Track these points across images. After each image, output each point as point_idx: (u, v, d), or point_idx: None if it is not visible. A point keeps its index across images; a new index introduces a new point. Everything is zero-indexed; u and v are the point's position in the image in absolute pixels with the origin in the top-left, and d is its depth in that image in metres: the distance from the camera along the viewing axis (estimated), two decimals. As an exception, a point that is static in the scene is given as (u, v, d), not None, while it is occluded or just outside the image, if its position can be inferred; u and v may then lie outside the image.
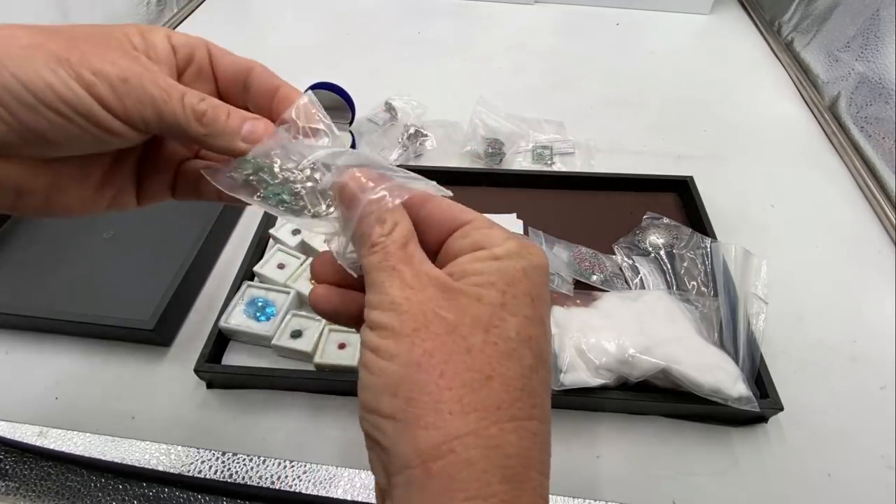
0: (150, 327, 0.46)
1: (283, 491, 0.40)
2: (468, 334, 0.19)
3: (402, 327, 0.19)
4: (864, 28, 0.75)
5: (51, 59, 0.21)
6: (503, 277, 0.20)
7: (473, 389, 0.19)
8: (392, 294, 0.20)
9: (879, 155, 0.68)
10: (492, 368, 0.19)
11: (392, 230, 0.21)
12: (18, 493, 0.41)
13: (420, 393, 0.19)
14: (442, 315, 0.19)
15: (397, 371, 0.19)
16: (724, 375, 0.42)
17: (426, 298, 0.20)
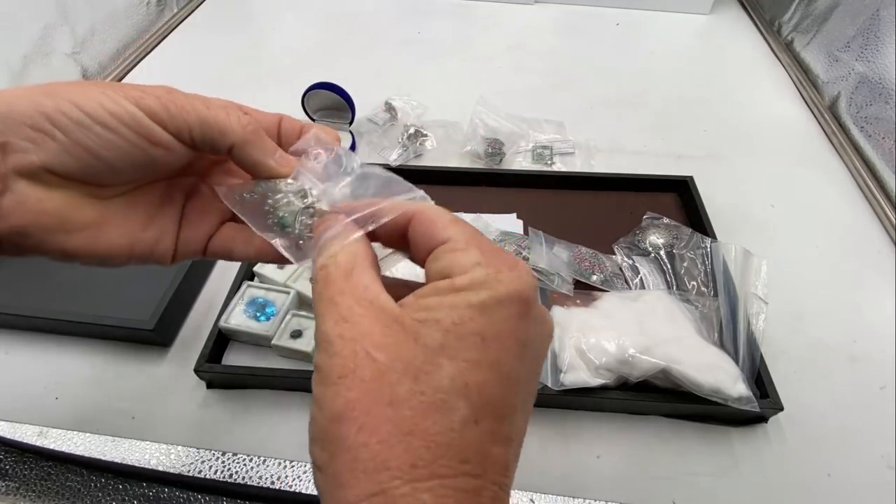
0: (150, 327, 0.46)
1: (283, 491, 0.40)
2: (395, 382, 0.18)
3: (329, 372, 0.18)
4: (864, 28, 0.75)
5: (99, 86, 0.22)
6: (451, 313, 0.18)
7: (390, 446, 0.17)
8: (325, 329, 0.19)
9: (879, 155, 0.68)
10: (413, 423, 0.17)
11: (336, 255, 0.20)
12: (18, 493, 0.41)
13: (340, 449, 0.18)
14: (373, 356, 0.18)
15: (322, 422, 0.18)
16: (724, 375, 0.42)
17: (360, 334, 0.18)
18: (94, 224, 0.24)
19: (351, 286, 0.20)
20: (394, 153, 0.69)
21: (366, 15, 1.02)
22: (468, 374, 0.18)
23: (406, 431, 0.17)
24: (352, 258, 0.20)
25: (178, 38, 0.95)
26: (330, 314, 0.19)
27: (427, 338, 0.18)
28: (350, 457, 0.17)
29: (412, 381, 0.18)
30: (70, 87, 0.22)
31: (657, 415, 0.45)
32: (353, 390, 0.18)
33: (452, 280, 0.19)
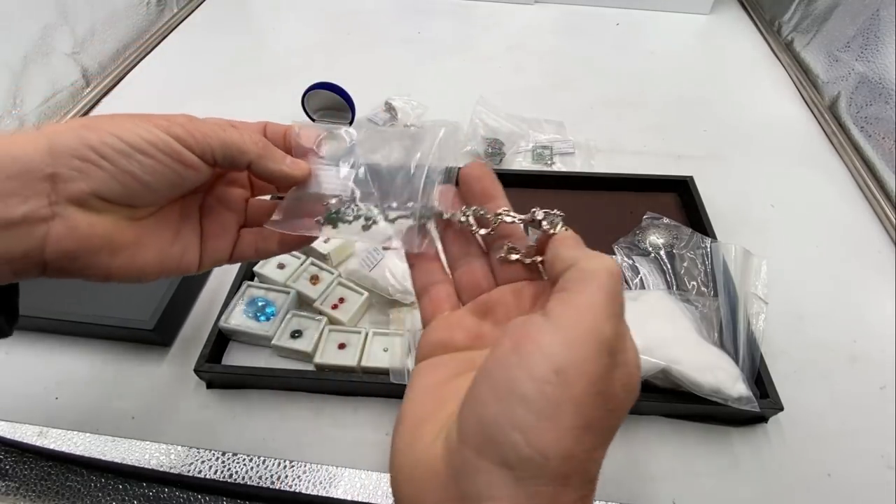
0: (150, 327, 0.46)
1: (283, 491, 0.40)
2: (619, 418, 0.21)
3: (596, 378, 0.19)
4: (864, 28, 0.75)
5: (131, 119, 0.25)
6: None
7: (598, 464, 0.20)
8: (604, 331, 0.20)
9: (879, 155, 0.68)
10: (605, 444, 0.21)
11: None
12: (18, 493, 0.41)
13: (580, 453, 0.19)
14: (619, 394, 0.20)
15: (569, 415, 0.19)
16: (724, 375, 0.42)
17: (625, 363, 0.21)
18: (133, 244, 0.27)
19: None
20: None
21: (366, 14, 1.02)
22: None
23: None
24: None
25: (178, 38, 0.95)
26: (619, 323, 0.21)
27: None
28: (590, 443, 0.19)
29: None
30: (106, 120, 0.25)
31: (657, 415, 0.45)
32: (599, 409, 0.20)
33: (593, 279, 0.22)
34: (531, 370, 0.19)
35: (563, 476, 0.18)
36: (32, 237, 0.24)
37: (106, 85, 0.83)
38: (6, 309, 0.27)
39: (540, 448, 0.18)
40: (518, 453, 0.18)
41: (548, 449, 0.18)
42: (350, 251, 0.55)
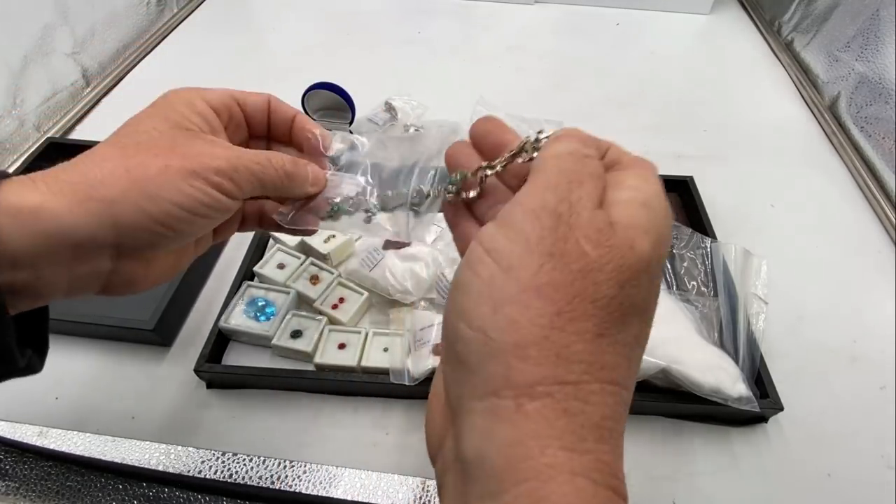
0: (150, 327, 0.46)
1: (283, 491, 0.40)
2: (602, 283, 0.17)
3: (536, 240, 0.18)
4: (864, 28, 0.75)
5: (185, 176, 0.25)
6: (657, 229, 0.19)
7: (585, 341, 0.17)
8: (545, 199, 0.18)
9: (879, 155, 0.68)
10: (609, 327, 0.18)
11: (594, 155, 0.21)
12: (18, 493, 0.41)
13: (529, 321, 0.17)
14: (584, 250, 0.18)
15: (509, 286, 0.17)
16: (725, 375, 0.42)
17: (579, 223, 0.18)
18: (171, 268, 0.29)
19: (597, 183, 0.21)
20: (394, 153, 0.69)
21: (366, 15, 1.02)
22: (651, 299, 0.22)
23: (598, 333, 0.18)
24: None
25: (178, 38, 0.95)
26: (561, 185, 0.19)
27: (641, 249, 0.19)
28: (540, 333, 0.17)
29: (619, 288, 0.18)
30: (161, 180, 0.25)
31: (657, 415, 0.45)
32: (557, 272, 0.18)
33: (639, 193, 0.21)
34: (469, 261, 0.19)
35: (514, 348, 0.17)
36: (88, 286, 0.26)
37: (106, 85, 0.83)
38: (37, 341, 0.26)
39: (478, 325, 0.17)
40: (464, 341, 0.18)
41: (485, 324, 0.17)
42: (350, 251, 0.55)
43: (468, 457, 0.17)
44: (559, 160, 0.20)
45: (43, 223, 0.22)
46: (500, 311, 0.17)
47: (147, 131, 0.27)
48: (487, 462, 0.16)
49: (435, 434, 0.20)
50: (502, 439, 0.16)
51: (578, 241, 0.18)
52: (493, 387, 0.17)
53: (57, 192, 0.23)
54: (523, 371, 0.17)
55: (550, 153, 0.20)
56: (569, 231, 0.18)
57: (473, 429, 0.17)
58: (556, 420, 0.16)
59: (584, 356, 0.17)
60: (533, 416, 0.16)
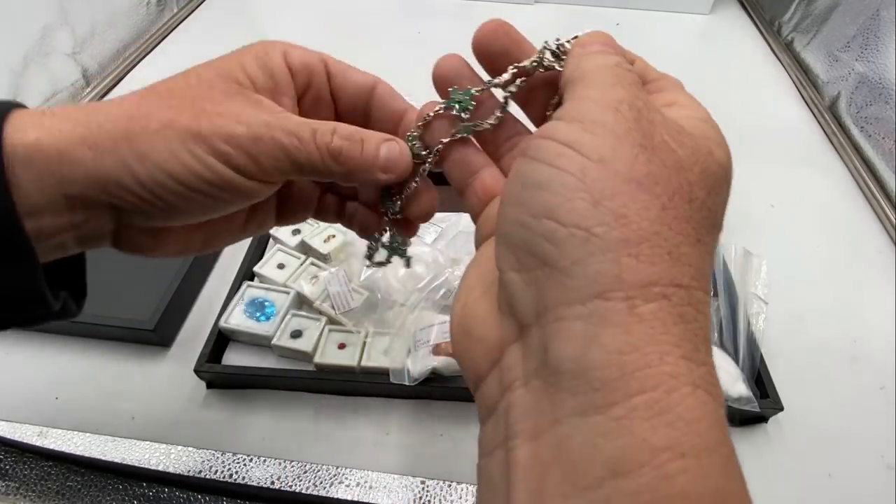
0: (150, 327, 0.46)
1: (283, 491, 0.40)
2: (694, 183, 0.16)
3: (624, 132, 0.16)
4: (864, 28, 0.75)
5: (186, 137, 0.21)
6: (725, 144, 0.19)
7: (690, 244, 0.16)
8: (620, 94, 0.17)
9: (879, 155, 0.68)
10: (702, 233, 0.16)
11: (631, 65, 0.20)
12: (18, 493, 0.41)
13: (637, 214, 0.15)
14: (671, 147, 0.16)
15: (608, 177, 0.15)
16: (725, 375, 0.42)
17: (660, 121, 0.17)
18: (202, 241, 0.26)
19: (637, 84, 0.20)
20: (394, 153, 0.69)
21: (366, 15, 1.02)
22: (720, 218, 0.19)
23: (697, 238, 0.16)
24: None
25: (178, 38, 0.95)
26: (621, 82, 0.18)
27: (718, 160, 0.18)
28: (651, 229, 0.15)
29: (706, 193, 0.17)
30: (157, 138, 0.21)
31: (657, 415, 0.45)
32: (654, 164, 0.16)
33: (697, 115, 0.21)
34: (543, 157, 0.17)
35: (623, 245, 0.15)
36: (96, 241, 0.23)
37: (106, 85, 0.83)
38: (72, 284, 0.24)
39: (575, 221, 0.15)
40: (556, 241, 0.16)
41: (585, 220, 0.15)
42: (350, 251, 0.55)
43: (563, 368, 0.15)
44: (607, 69, 0.19)
45: (36, 165, 0.19)
46: (601, 204, 0.15)
47: (189, 77, 0.23)
48: (593, 372, 0.14)
49: (483, 353, 0.18)
50: (613, 346, 0.14)
51: (664, 137, 0.17)
52: (598, 288, 0.15)
53: (57, 131, 0.20)
54: (637, 269, 0.15)
55: (593, 64, 0.19)
56: (651, 127, 0.17)
57: (570, 337, 0.15)
58: (674, 325, 0.15)
59: (692, 259, 0.16)
60: (649, 320, 0.14)
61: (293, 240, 0.55)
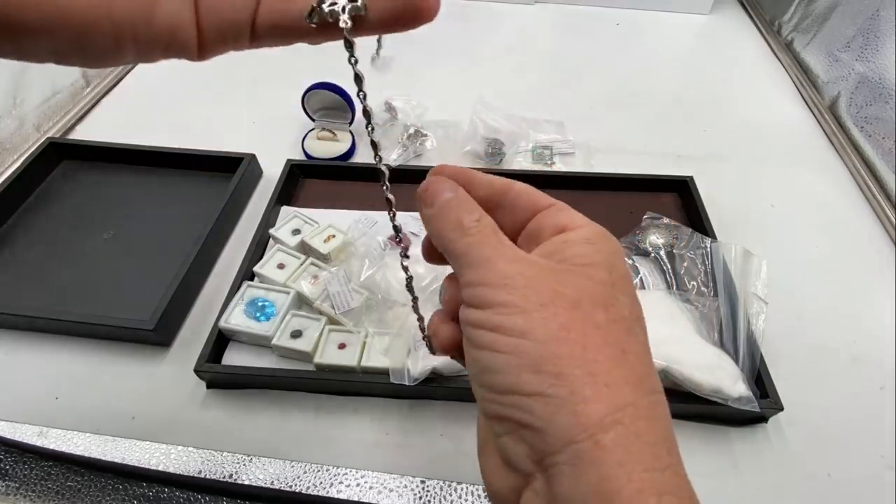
0: (150, 327, 0.46)
1: (283, 491, 0.40)
2: (591, 311, 0.19)
3: (526, 302, 0.19)
4: (864, 28, 0.75)
5: None
6: (606, 259, 0.21)
7: (618, 363, 0.18)
8: (503, 269, 0.20)
9: (879, 155, 0.68)
10: (624, 343, 0.19)
11: (480, 218, 0.22)
12: (18, 493, 0.41)
13: (569, 367, 0.18)
14: (561, 291, 0.19)
15: (535, 347, 0.18)
16: (724, 375, 0.42)
17: (538, 274, 0.20)
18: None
19: (501, 241, 0.21)
20: (394, 153, 0.69)
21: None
22: (636, 308, 0.21)
23: (621, 350, 0.19)
24: (492, 221, 0.22)
25: (178, 38, 0.95)
26: (499, 257, 0.20)
27: (599, 277, 0.20)
28: (584, 372, 0.18)
29: (604, 310, 0.19)
30: None
31: (657, 415, 0.45)
32: (560, 315, 0.19)
33: (578, 232, 0.21)
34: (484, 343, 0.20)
35: (570, 395, 0.18)
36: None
37: (106, 85, 0.82)
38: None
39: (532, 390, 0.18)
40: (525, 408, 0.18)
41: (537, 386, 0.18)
42: (350, 251, 0.55)
43: (567, 501, 0.18)
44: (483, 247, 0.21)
45: None
46: (541, 370, 0.18)
47: None
48: (586, 502, 0.17)
49: (505, 494, 0.21)
50: (593, 479, 0.17)
51: (557, 289, 0.20)
52: (568, 437, 0.18)
53: None
54: (588, 412, 0.18)
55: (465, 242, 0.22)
56: (549, 278, 0.20)
57: (563, 477, 0.18)
58: (632, 444, 0.17)
59: (626, 374, 0.18)
60: (611, 448, 0.17)
61: (293, 240, 0.55)
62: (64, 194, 0.62)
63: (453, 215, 0.22)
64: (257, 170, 0.66)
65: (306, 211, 0.59)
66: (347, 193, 0.63)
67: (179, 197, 0.62)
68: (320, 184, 0.65)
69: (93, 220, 0.59)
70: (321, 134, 0.70)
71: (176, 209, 0.61)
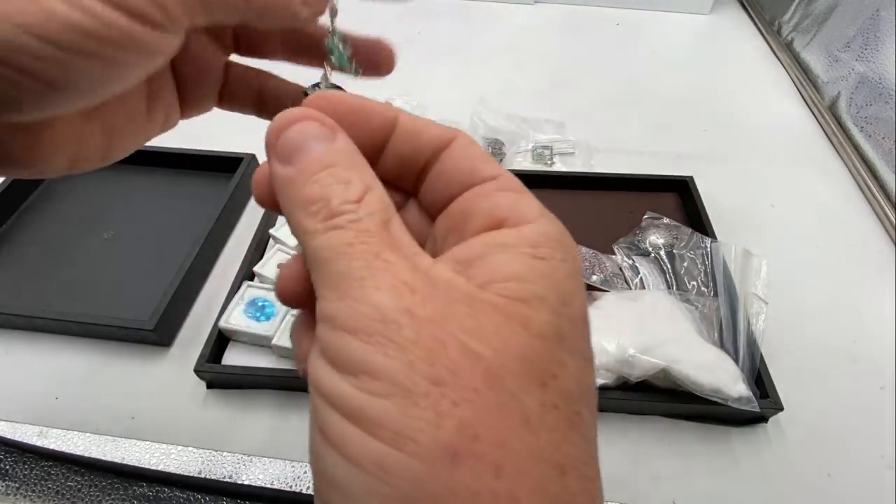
0: (150, 327, 0.46)
1: (283, 491, 0.40)
2: (519, 390, 0.12)
3: (411, 375, 0.11)
4: (864, 28, 0.75)
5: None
6: (556, 288, 0.13)
7: (546, 492, 0.11)
8: (379, 302, 0.12)
9: (879, 155, 0.68)
10: (564, 448, 0.12)
11: (363, 196, 0.13)
12: (18, 493, 0.41)
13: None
14: (472, 348, 0.12)
15: (414, 470, 0.11)
16: (724, 375, 0.42)
17: (440, 313, 0.12)
18: (102, 141, 0.19)
19: (395, 242, 0.13)
20: (394, 153, 0.69)
21: (365, 14, 1.02)
22: (588, 375, 0.13)
23: (558, 466, 0.12)
24: (384, 201, 0.14)
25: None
26: (379, 278, 0.12)
27: (538, 324, 0.12)
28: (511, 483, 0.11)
29: (540, 389, 0.12)
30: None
31: (657, 415, 0.45)
32: (462, 406, 0.11)
33: (521, 230, 0.14)
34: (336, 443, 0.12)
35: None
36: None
37: (106, 85, 0.82)
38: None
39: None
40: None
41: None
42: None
43: None
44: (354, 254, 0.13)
45: None
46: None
47: None
48: None
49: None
50: None
51: (462, 340, 0.13)
52: None
53: None
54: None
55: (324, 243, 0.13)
56: (443, 341, 0.13)
57: None
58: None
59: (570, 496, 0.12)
60: None
61: (293, 240, 0.55)
62: (64, 194, 0.62)
63: (316, 188, 0.13)
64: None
65: (306, 211, 0.59)
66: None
67: (179, 197, 0.62)
68: (320, 184, 0.65)
69: (93, 220, 0.59)
70: (321, 134, 0.70)
71: (176, 209, 0.61)
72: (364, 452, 0.11)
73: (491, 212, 0.15)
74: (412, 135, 0.16)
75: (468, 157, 0.16)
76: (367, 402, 0.11)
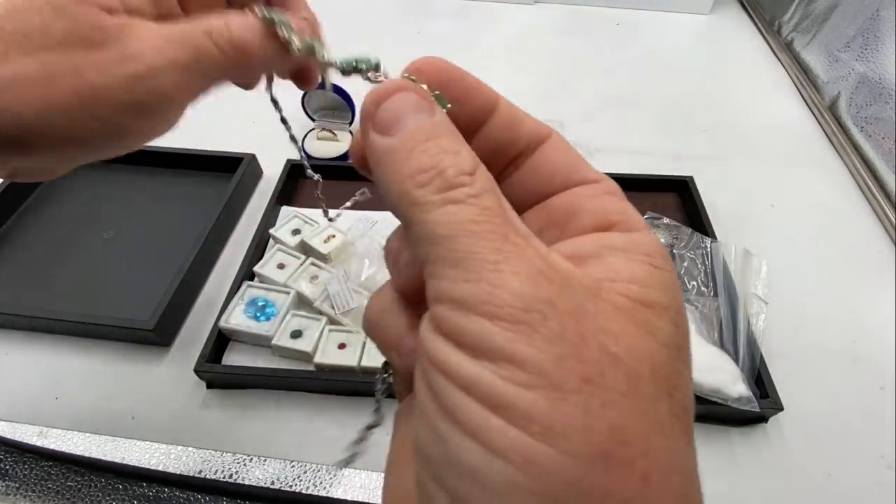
0: (150, 327, 0.46)
1: (283, 491, 0.40)
2: (653, 397, 0.11)
3: (559, 371, 0.11)
4: (864, 28, 0.75)
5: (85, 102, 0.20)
6: (675, 299, 0.13)
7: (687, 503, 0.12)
8: (520, 289, 0.11)
9: (879, 155, 0.68)
10: (688, 463, 0.12)
11: (475, 169, 0.13)
12: (18, 493, 0.41)
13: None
14: (611, 350, 0.11)
15: (566, 468, 0.10)
16: (725, 375, 0.42)
17: (577, 309, 0.11)
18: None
19: (517, 229, 0.12)
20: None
21: (366, 14, 1.02)
22: (692, 387, 0.13)
23: (689, 479, 0.12)
24: (491, 179, 0.13)
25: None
26: (515, 262, 0.11)
27: (663, 333, 0.12)
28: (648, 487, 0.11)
29: (668, 397, 0.12)
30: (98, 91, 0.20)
31: (657, 415, 0.45)
32: (612, 409, 0.11)
33: (637, 241, 0.13)
34: (468, 422, 0.11)
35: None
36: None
37: (106, 85, 0.82)
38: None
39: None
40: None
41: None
42: (350, 251, 0.55)
43: None
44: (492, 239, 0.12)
45: None
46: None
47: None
48: None
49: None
50: None
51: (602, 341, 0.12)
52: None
53: None
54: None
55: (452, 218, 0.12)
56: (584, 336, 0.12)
57: None
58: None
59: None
60: None
61: (293, 240, 0.55)
62: (64, 194, 0.62)
63: (425, 157, 0.13)
64: (257, 170, 0.66)
65: (306, 211, 0.59)
66: (347, 193, 0.63)
67: (179, 197, 0.62)
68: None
69: (93, 220, 0.59)
70: (321, 134, 0.70)
71: (176, 209, 0.61)
72: (512, 445, 0.10)
73: (600, 213, 0.14)
74: (511, 122, 0.16)
75: (569, 155, 0.16)
76: (514, 392, 0.10)
